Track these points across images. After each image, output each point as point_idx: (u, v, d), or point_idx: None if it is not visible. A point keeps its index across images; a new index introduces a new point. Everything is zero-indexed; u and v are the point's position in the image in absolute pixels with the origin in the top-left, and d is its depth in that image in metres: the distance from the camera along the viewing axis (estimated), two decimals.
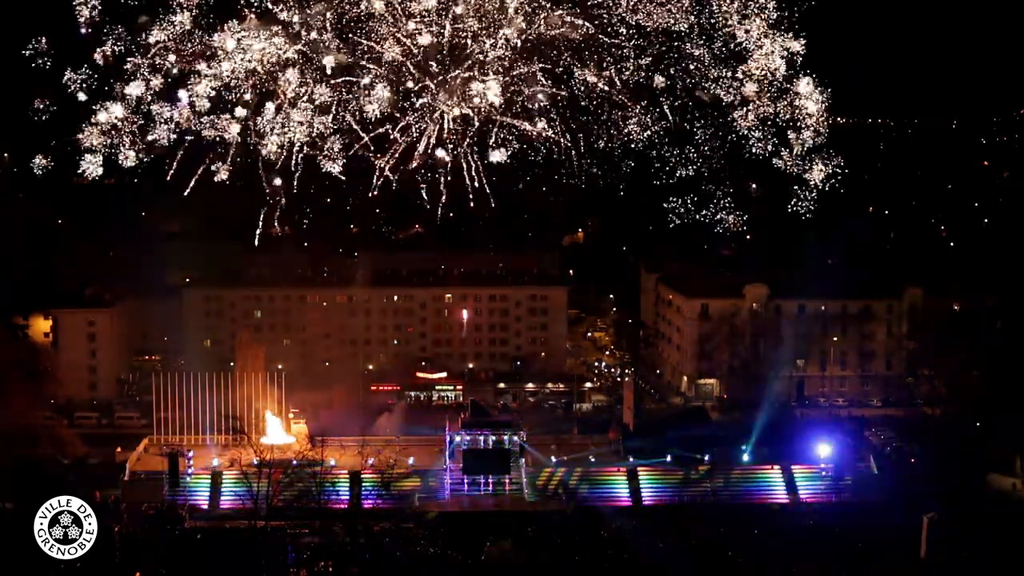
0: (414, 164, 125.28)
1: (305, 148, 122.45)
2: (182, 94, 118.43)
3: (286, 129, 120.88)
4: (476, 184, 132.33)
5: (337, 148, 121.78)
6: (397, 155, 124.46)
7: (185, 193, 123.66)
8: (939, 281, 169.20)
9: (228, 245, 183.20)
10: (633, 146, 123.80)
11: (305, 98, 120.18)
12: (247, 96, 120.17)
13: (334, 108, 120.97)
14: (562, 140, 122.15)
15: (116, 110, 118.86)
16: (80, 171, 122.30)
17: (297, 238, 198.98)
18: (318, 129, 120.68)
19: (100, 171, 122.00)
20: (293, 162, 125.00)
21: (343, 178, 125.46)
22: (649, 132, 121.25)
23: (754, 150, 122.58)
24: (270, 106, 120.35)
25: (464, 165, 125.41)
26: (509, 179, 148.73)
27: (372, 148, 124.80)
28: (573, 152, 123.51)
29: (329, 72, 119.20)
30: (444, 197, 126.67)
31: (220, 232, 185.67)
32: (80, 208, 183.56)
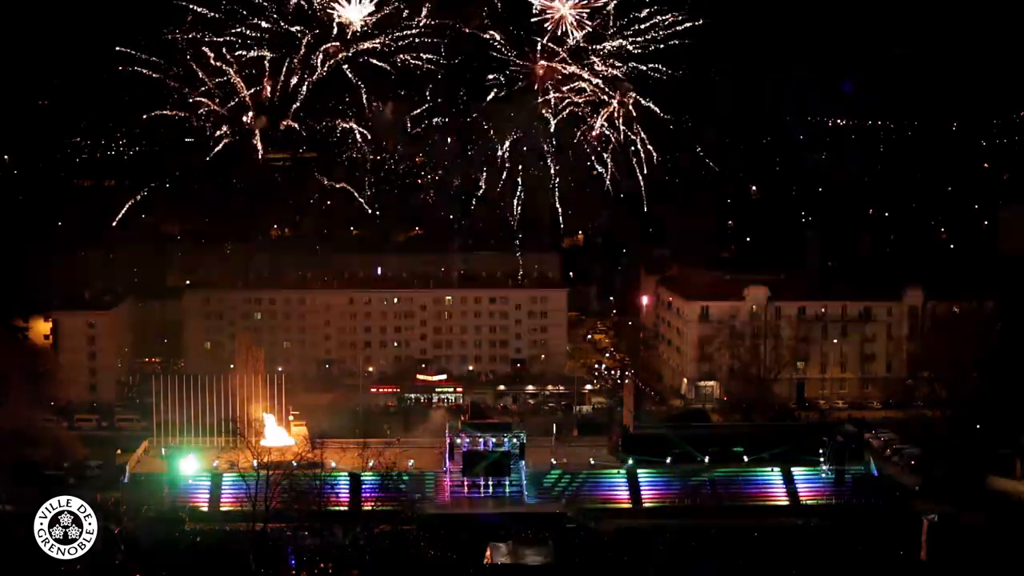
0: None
1: None
2: None
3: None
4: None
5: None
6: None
7: None
8: (939, 283, 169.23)
9: (228, 247, 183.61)
10: None
11: None
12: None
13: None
14: None
15: None
16: None
17: (297, 240, 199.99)
18: None
19: None
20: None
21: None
22: None
23: None
24: None
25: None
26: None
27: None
28: None
29: None
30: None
31: (220, 234, 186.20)
32: (80, 209, 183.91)
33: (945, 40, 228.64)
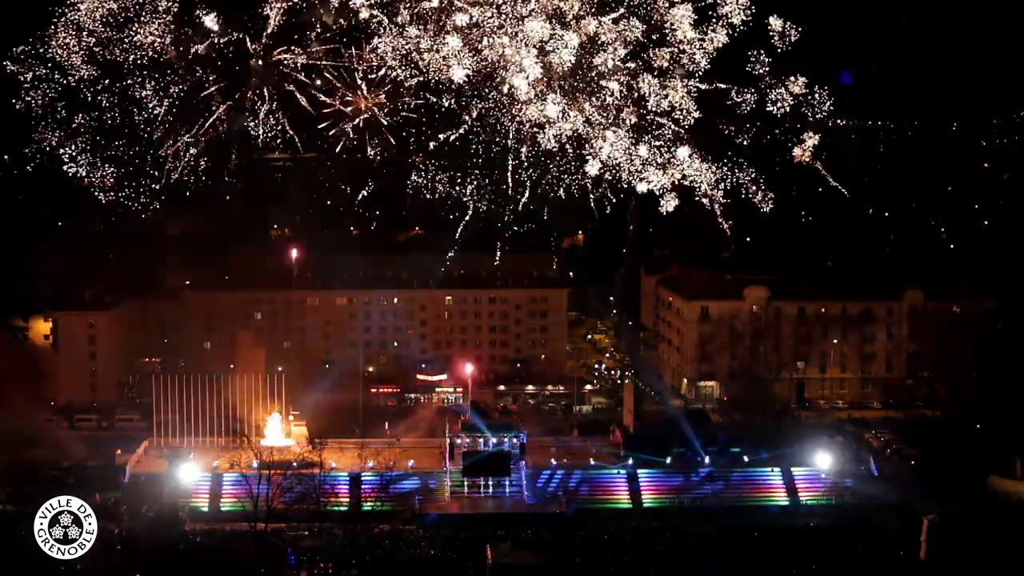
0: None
1: None
2: None
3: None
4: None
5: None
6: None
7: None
8: (939, 283, 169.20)
9: (229, 247, 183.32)
10: None
11: None
12: None
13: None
14: None
15: None
16: None
17: (297, 240, 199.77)
18: None
19: None
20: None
21: None
22: None
23: None
24: None
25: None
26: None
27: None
28: None
29: None
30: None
31: (221, 234, 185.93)
32: (80, 209, 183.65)
33: (945, 40, 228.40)
